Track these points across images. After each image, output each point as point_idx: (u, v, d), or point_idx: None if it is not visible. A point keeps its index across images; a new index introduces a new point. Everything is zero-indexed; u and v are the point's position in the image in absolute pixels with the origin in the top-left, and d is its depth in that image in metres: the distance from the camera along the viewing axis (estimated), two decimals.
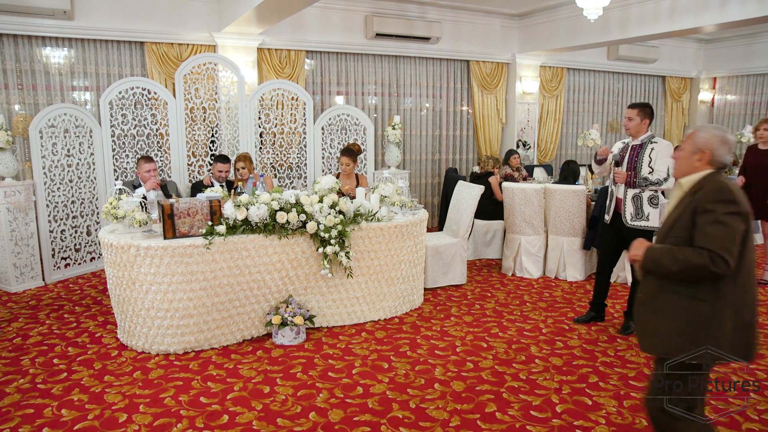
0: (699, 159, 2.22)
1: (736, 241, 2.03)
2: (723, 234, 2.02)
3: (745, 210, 2.06)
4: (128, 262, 3.83)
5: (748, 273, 2.10)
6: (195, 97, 6.28)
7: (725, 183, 2.12)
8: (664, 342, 2.17)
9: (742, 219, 2.05)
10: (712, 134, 2.22)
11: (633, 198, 4.15)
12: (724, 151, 2.19)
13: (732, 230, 2.03)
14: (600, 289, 4.55)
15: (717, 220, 2.04)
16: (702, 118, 11.50)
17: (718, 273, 2.02)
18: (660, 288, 2.20)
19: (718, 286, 2.07)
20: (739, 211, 2.05)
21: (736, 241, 2.03)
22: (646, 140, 4.13)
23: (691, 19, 6.72)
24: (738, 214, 2.04)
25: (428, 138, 8.80)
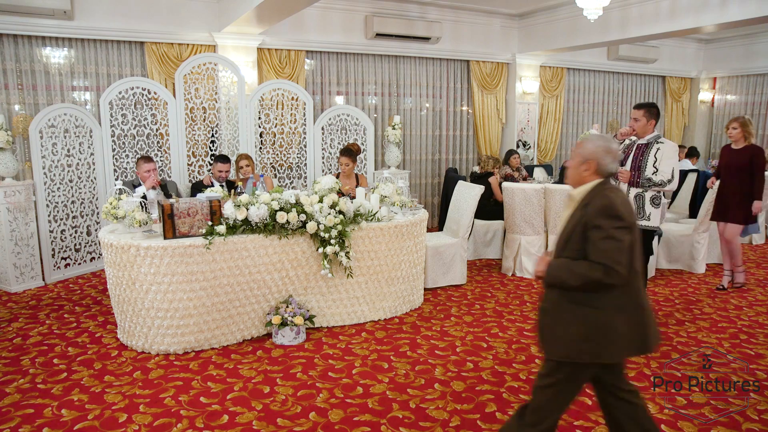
0: (586, 169, 2.35)
1: (626, 253, 2.19)
2: (614, 248, 2.17)
3: (630, 223, 2.22)
4: (128, 262, 3.83)
5: (635, 278, 2.27)
6: (195, 97, 6.28)
7: (610, 199, 2.25)
8: (564, 347, 2.29)
9: (628, 231, 2.21)
10: (596, 145, 2.35)
11: (635, 197, 4.15)
12: (608, 160, 2.33)
13: (622, 244, 2.18)
14: None
15: (607, 235, 2.18)
16: (702, 118, 11.51)
17: (614, 284, 2.20)
18: (560, 297, 2.33)
19: (611, 293, 2.24)
20: (625, 225, 2.20)
21: (627, 253, 2.20)
22: (652, 140, 4.12)
23: (691, 19, 6.72)
24: (625, 228, 2.20)
25: (428, 138, 8.80)
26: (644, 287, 2.40)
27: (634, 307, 2.27)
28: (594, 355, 2.26)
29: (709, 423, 3.08)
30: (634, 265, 2.25)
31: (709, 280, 5.89)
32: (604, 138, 2.38)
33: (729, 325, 4.58)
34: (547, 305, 2.39)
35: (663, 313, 4.85)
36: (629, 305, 2.26)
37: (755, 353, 4.02)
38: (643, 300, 2.31)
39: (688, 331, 4.46)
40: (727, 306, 5.07)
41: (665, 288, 5.58)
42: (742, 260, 5.54)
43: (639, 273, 2.30)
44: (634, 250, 2.25)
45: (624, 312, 2.25)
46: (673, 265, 6.22)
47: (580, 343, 2.26)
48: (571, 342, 2.27)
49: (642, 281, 2.34)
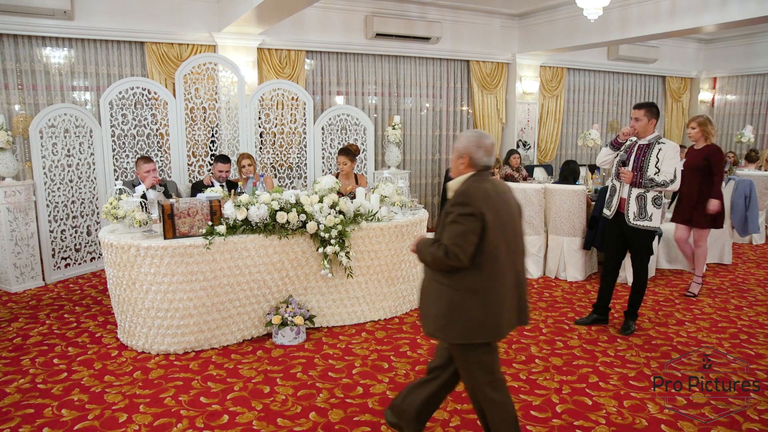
0: (462, 163, 2.48)
1: (469, 238, 2.30)
2: (456, 232, 2.30)
3: (478, 211, 2.30)
4: (128, 262, 3.83)
5: (491, 264, 2.35)
6: (195, 97, 6.28)
7: (466, 188, 2.39)
8: (433, 324, 2.45)
9: (476, 219, 2.30)
10: (469, 140, 2.47)
11: (637, 197, 4.13)
12: (481, 154, 2.44)
13: (464, 229, 2.30)
14: (605, 291, 4.50)
15: (454, 220, 2.33)
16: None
17: (453, 265, 2.32)
18: (430, 278, 2.49)
19: (465, 276, 2.36)
20: (471, 212, 2.30)
21: (469, 239, 2.30)
22: (654, 140, 4.11)
23: (691, 19, 6.72)
24: (471, 215, 2.30)
25: (428, 138, 8.80)
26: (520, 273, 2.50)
27: (488, 294, 2.36)
28: (446, 334, 2.41)
29: (709, 423, 3.08)
30: (487, 252, 2.33)
31: (710, 280, 5.89)
32: (478, 133, 2.50)
33: (729, 325, 4.58)
34: (423, 284, 2.54)
35: (663, 313, 4.86)
36: (484, 292, 2.36)
37: (755, 353, 4.02)
38: (501, 287, 2.38)
39: (688, 331, 4.46)
40: (727, 306, 5.07)
41: (665, 288, 5.58)
42: (704, 270, 5.41)
43: (500, 260, 2.37)
44: (486, 237, 2.32)
45: (477, 296, 2.35)
46: (673, 265, 6.22)
47: (439, 320, 2.40)
48: (435, 319, 2.42)
49: (501, 267, 2.39)
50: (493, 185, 2.44)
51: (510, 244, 2.42)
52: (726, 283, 5.79)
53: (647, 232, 4.15)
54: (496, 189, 2.43)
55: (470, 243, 2.30)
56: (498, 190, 2.44)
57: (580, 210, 5.69)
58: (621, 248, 4.37)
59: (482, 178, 2.44)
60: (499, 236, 2.36)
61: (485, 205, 2.33)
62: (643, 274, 4.29)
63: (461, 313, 2.36)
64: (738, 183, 6.62)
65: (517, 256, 2.49)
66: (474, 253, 2.32)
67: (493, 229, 2.33)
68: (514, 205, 2.52)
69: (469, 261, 2.32)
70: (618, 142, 4.29)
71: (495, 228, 2.34)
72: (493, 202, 2.37)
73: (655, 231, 4.20)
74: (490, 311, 2.36)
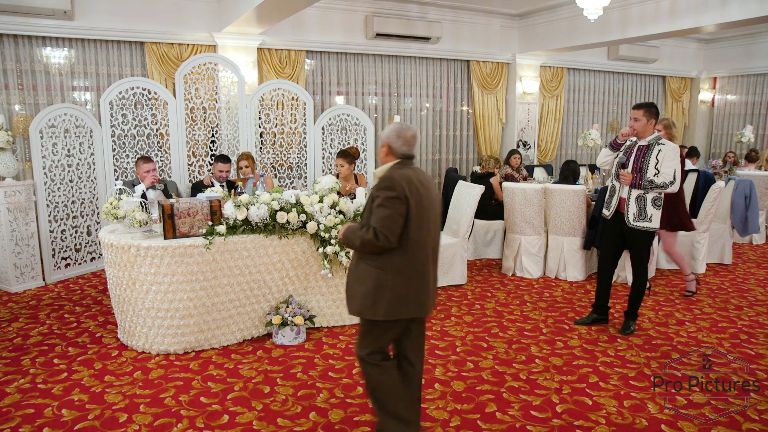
0: (385, 153, 2.64)
1: (396, 220, 2.45)
2: (384, 215, 2.45)
3: (403, 195, 2.45)
4: (128, 262, 3.83)
5: (415, 245, 2.52)
6: (195, 97, 6.28)
7: (391, 174, 2.53)
8: (359, 303, 2.57)
9: (401, 202, 2.45)
10: (390, 130, 2.64)
11: (637, 198, 4.12)
12: (399, 143, 2.59)
13: (391, 212, 2.45)
14: (603, 290, 4.51)
15: (381, 204, 2.47)
16: (702, 118, 11.51)
17: (383, 246, 2.46)
18: (358, 259, 2.63)
19: (391, 257, 2.51)
20: (397, 196, 2.45)
21: (397, 221, 2.46)
22: (653, 141, 4.10)
23: (691, 19, 6.72)
24: (396, 198, 2.45)
25: (428, 138, 8.80)
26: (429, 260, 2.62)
27: (413, 271, 2.53)
28: (372, 311, 2.53)
29: (709, 423, 3.08)
30: (412, 235, 2.49)
31: (710, 279, 5.89)
32: (400, 124, 2.65)
33: (729, 325, 4.58)
34: (351, 266, 2.68)
35: (663, 313, 4.86)
36: (408, 269, 2.52)
37: (755, 353, 4.02)
38: (423, 267, 2.56)
39: (688, 331, 4.46)
40: (727, 306, 5.07)
41: (665, 288, 5.58)
42: (688, 269, 5.40)
43: (420, 243, 2.53)
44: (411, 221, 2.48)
45: (402, 275, 2.51)
46: (673, 265, 6.21)
47: (365, 299, 2.54)
48: (361, 298, 2.56)
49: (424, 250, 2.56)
50: (415, 173, 2.58)
51: (430, 227, 2.59)
52: (726, 283, 5.79)
53: (647, 232, 4.15)
54: (418, 176, 2.58)
55: (398, 225, 2.46)
56: (420, 177, 2.59)
57: (580, 210, 5.70)
58: (618, 247, 4.37)
59: (405, 165, 2.60)
60: (421, 219, 2.53)
61: (408, 189, 2.48)
62: (643, 275, 4.29)
63: (387, 290, 2.51)
64: (738, 183, 6.62)
65: (437, 238, 2.68)
66: (400, 234, 2.48)
67: (415, 212, 2.49)
68: (434, 191, 2.67)
69: (397, 241, 2.47)
70: (617, 143, 4.28)
71: (417, 212, 2.50)
72: (414, 187, 2.52)
73: (655, 231, 4.20)
74: (415, 289, 2.55)
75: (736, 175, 7.53)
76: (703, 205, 6.05)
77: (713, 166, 8.05)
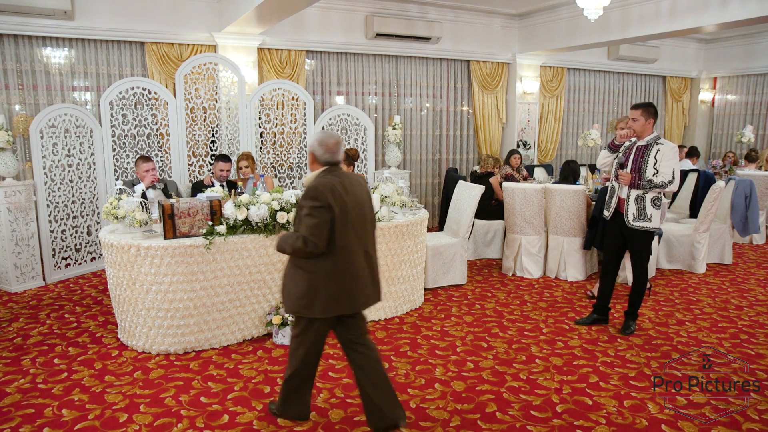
0: (311, 161, 2.81)
1: (323, 228, 2.62)
2: (311, 223, 2.62)
3: (326, 203, 2.62)
4: (129, 262, 3.83)
5: (342, 249, 2.69)
6: (195, 97, 6.28)
7: (315, 184, 2.68)
8: (294, 303, 2.77)
9: (326, 211, 2.62)
10: (314, 139, 2.79)
11: (636, 199, 4.12)
12: (322, 152, 2.74)
13: (318, 221, 2.61)
14: (605, 291, 4.50)
15: (308, 213, 2.63)
16: (702, 118, 11.51)
17: (312, 252, 2.65)
18: (291, 263, 2.81)
19: (321, 261, 2.69)
20: (321, 205, 2.62)
21: (323, 228, 2.62)
22: (652, 141, 4.10)
23: (691, 19, 6.71)
24: (321, 208, 2.62)
25: (428, 138, 8.80)
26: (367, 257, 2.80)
27: (342, 273, 2.72)
28: (309, 310, 2.74)
29: (709, 423, 3.09)
30: (338, 240, 2.67)
31: (710, 279, 5.89)
32: (323, 133, 2.79)
33: (729, 325, 4.58)
34: (285, 269, 2.85)
35: (663, 313, 4.86)
36: (338, 272, 2.71)
37: (755, 353, 4.02)
38: (353, 267, 2.74)
39: (688, 331, 4.46)
40: (728, 306, 5.07)
41: (665, 288, 5.58)
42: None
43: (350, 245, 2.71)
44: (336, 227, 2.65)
45: (333, 277, 2.70)
46: (674, 265, 6.22)
47: (299, 299, 2.74)
48: (296, 299, 2.75)
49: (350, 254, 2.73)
50: (340, 179, 2.73)
51: (359, 230, 2.75)
52: (726, 283, 5.79)
53: (647, 232, 4.14)
54: (343, 182, 2.73)
55: (324, 232, 2.63)
56: (345, 183, 2.73)
57: (580, 210, 5.70)
58: (620, 248, 4.37)
59: (330, 172, 2.75)
60: (347, 224, 2.69)
61: (331, 197, 2.64)
62: (643, 275, 4.29)
63: (320, 291, 2.71)
64: (738, 183, 6.62)
65: (368, 239, 2.83)
66: (328, 239, 2.65)
67: (340, 218, 2.66)
68: (361, 194, 2.81)
69: (324, 247, 2.66)
70: (615, 145, 4.28)
71: (342, 217, 2.67)
72: (338, 194, 2.67)
73: (655, 231, 4.20)
74: (344, 289, 2.73)
75: (736, 175, 7.53)
76: (703, 205, 6.05)
77: (713, 166, 8.04)
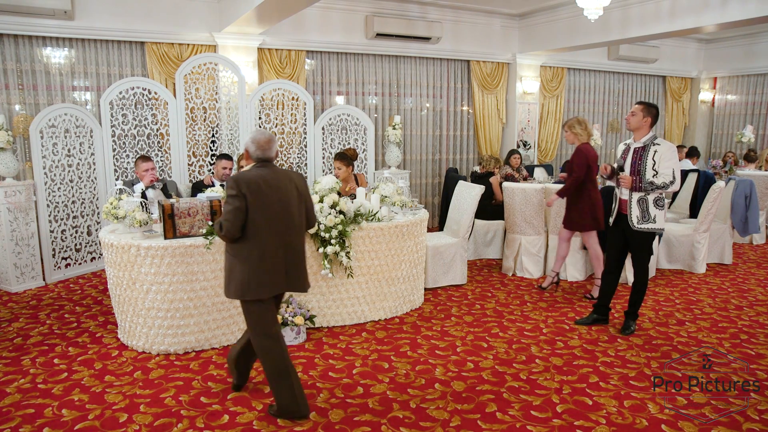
0: (246, 156, 3.08)
1: (236, 214, 2.85)
2: (226, 209, 2.88)
3: (240, 193, 2.85)
4: (129, 262, 3.83)
5: (260, 235, 2.91)
6: (195, 97, 6.28)
7: (235, 175, 2.94)
8: (227, 287, 3.01)
9: (239, 199, 2.85)
10: (248, 137, 3.05)
11: (639, 201, 4.10)
12: (254, 148, 3.01)
13: (231, 207, 2.86)
14: (607, 291, 4.50)
15: (225, 201, 2.91)
16: (702, 118, 11.51)
17: (227, 236, 2.90)
18: (226, 248, 3.04)
19: (240, 246, 2.93)
20: (236, 194, 2.85)
21: (236, 215, 2.85)
22: (648, 142, 4.09)
23: (691, 19, 6.72)
24: (235, 196, 2.85)
25: (428, 138, 8.80)
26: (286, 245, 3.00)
27: (257, 259, 2.91)
28: (229, 292, 2.99)
29: (709, 423, 3.08)
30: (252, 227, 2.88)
31: (710, 280, 5.89)
32: (256, 131, 3.08)
33: (729, 325, 4.58)
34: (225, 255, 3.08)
35: (663, 313, 4.86)
36: (253, 257, 2.91)
37: (755, 353, 4.02)
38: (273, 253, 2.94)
39: (688, 331, 4.46)
40: (728, 306, 5.07)
41: (665, 288, 5.58)
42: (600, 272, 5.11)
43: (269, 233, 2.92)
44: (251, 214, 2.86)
45: (247, 262, 2.91)
46: (674, 265, 6.22)
47: (225, 281, 3.01)
48: (227, 283, 3.00)
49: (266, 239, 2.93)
50: (266, 174, 2.96)
51: (278, 222, 2.95)
52: (726, 283, 5.79)
53: (650, 233, 4.15)
54: (266, 176, 2.95)
55: (237, 218, 2.85)
56: (270, 178, 2.95)
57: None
58: (623, 248, 4.37)
59: (260, 167, 3.01)
60: (263, 214, 2.90)
61: (247, 188, 2.86)
62: (644, 274, 4.29)
63: (236, 275, 2.94)
64: (738, 183, 6.62)
65: (291, 231, 3.02)
66: (243, 227, 2.88)
67: (255, 208, 2.87)
68: (290, 191, 3.01)
69: (239, 232, 2.88)
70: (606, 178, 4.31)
71: (257, 208, 2.87)
72: (256, 186, 2.89)
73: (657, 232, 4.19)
74: (255, 274, 2.92)
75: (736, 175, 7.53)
76: (704, 205, 6.05)
77: (713, 166, 8.04)
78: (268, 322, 3.02)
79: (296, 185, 3.06)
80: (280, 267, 2.98)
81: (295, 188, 3.03)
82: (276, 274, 2.97)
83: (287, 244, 2.99)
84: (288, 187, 2.99)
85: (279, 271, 2.98)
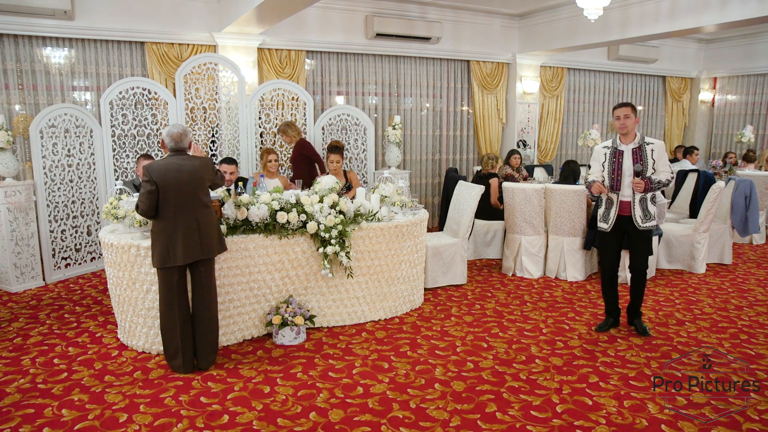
0: (162, 146, 3.63)
1: (148, 197, 3.42)
2: (141, 192, 3.47)
3: (151, 179, 3.41)
4: (128, 262, 3.83)
5: (166, 214, 3.46)
6: (195, 97, 6.28)
7: (149, 164, 3.49)
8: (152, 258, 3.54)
9: (150, 184, 3.42)
10: (164, 131, 3.60)
11: (641, 201, 4.13)
12: (168, 140, 3.55)
13: (144, 191, 3.44)
14: (611, 295, 4.45)
15: (141, 185, 3.48)
16: (702, 118, 11.51)
17: (142, 215, 3.52)
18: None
19: (154, 223, 3.52)
20: (148, 180, 3.42)
21: (148, 197, 3.42)
22: (642, 142, 4.10)
23: (691, 19, 6.72)
24: (147, 182, 3.42)
25: (428, 138, 8.80)
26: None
27: (168, 234, 3.45)
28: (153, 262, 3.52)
29: (709, 423, 3.09)
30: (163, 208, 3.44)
31: (710, 280, 5.89)
32: (172, 126, 3.59)
33: (729, 325, 4.58)
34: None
35: (663, 313, 4.86)
36: (165, 232, 3.46)
37: (755, 353, 4.02)
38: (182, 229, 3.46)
39: (688, 331, 4.46)
40: (728, 306, 5.07)
41: (665, 288, 5.58)
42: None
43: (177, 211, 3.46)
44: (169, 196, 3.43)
45: (162, 235, 3.46)
46: (673, 265, 6.22)
47: (153, 255, 3.52)
48: (152, 255, 3.53)
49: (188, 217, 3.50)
50: (175, 160, 3.52)
51: (185, 201, 3.48)
52: (726, 283, 5.79)
53: (651, 231, 4.18)
54: (172, 164, 3.49)
55: (149, 200, 3.43)
56: (175, 165, 3.49)
57: (580, 210, 5.69)
58: (618, 252, 4.38)
59: (172, 156, 3.55)
60: (171, 195, 3.44)
61: (156, 174, 3.43)
62: (645, 273, 4.30)
63: (154, 247, 3.50)
64: (738, 183, 6.62)
65: (197, 208, 3.53)
66: (155, 207, 3.44)
67: (164, 191, 3.43)
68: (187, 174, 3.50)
69: (152, 211, 3.46)
70: (594, 195, 4.30)
71: (165, 190, 3.43)
72: (164, 171, 3.45)
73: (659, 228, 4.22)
74: (166, 247, 3.45)
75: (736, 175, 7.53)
76: (703, 205, 6.05)
77: (713, 166, 8.05)
78: (171, 289, 3.52)
79: (195, 168, 3.55)
80: (196, 238, 3.50)
81: (190, 171, 3.52)
82: (195, 245, 3.50)
83: (197, 219, 3.51)
84: (189, 170, 3.51)
85: (196, 241, 3.50)
